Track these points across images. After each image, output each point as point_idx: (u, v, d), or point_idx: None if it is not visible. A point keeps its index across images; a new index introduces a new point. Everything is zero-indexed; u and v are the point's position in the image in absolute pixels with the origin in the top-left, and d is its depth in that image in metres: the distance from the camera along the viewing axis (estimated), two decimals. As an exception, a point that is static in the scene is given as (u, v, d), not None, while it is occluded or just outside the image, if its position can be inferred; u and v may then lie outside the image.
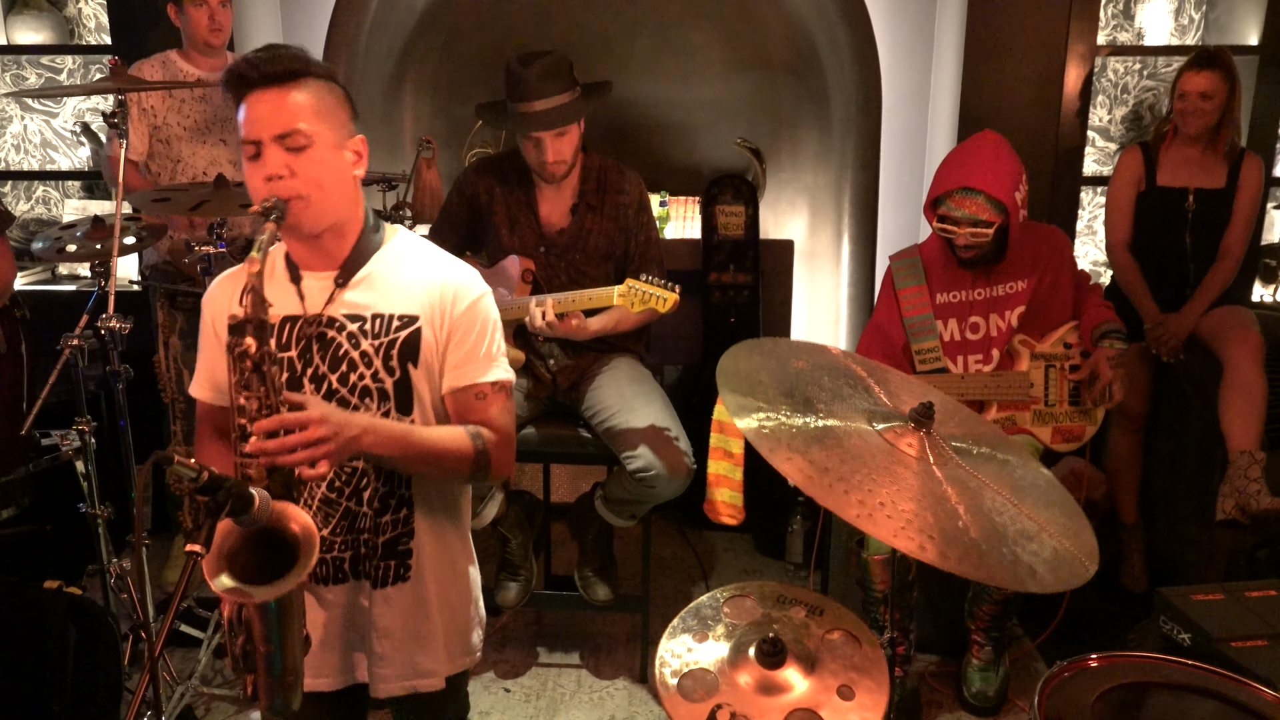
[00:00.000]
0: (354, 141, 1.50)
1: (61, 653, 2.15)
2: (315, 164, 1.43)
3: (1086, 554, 1.41)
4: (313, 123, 1.42)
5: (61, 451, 2.34)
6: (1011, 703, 2.59)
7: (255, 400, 1.33)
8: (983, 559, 1.28)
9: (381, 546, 1.56)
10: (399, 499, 1.56)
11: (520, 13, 3.91)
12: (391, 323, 1.51)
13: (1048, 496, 1.51)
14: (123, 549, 2.90)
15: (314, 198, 1.43)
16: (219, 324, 1.56)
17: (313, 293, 1.52)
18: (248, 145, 1.43)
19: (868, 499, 1.31)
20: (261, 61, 1.41)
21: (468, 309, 1.53)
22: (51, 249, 2.49)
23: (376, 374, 1.50)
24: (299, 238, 1.49)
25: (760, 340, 1.73)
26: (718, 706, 1.34)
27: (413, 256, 1.57)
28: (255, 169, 1.43)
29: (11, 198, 4.01)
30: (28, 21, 3.73)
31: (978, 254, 2.52)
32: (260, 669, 1.31)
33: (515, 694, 2.67)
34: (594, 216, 2.58)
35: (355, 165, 1.50)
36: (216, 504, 1.21)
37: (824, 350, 1.75)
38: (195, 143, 3.02)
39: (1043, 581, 1.31)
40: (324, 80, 1.47)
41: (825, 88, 3.90)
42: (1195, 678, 1.59)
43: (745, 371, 1.55)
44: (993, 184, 2.43)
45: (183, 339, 2.93)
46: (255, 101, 1.42)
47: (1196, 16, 3.72)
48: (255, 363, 1.33)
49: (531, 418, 2.63)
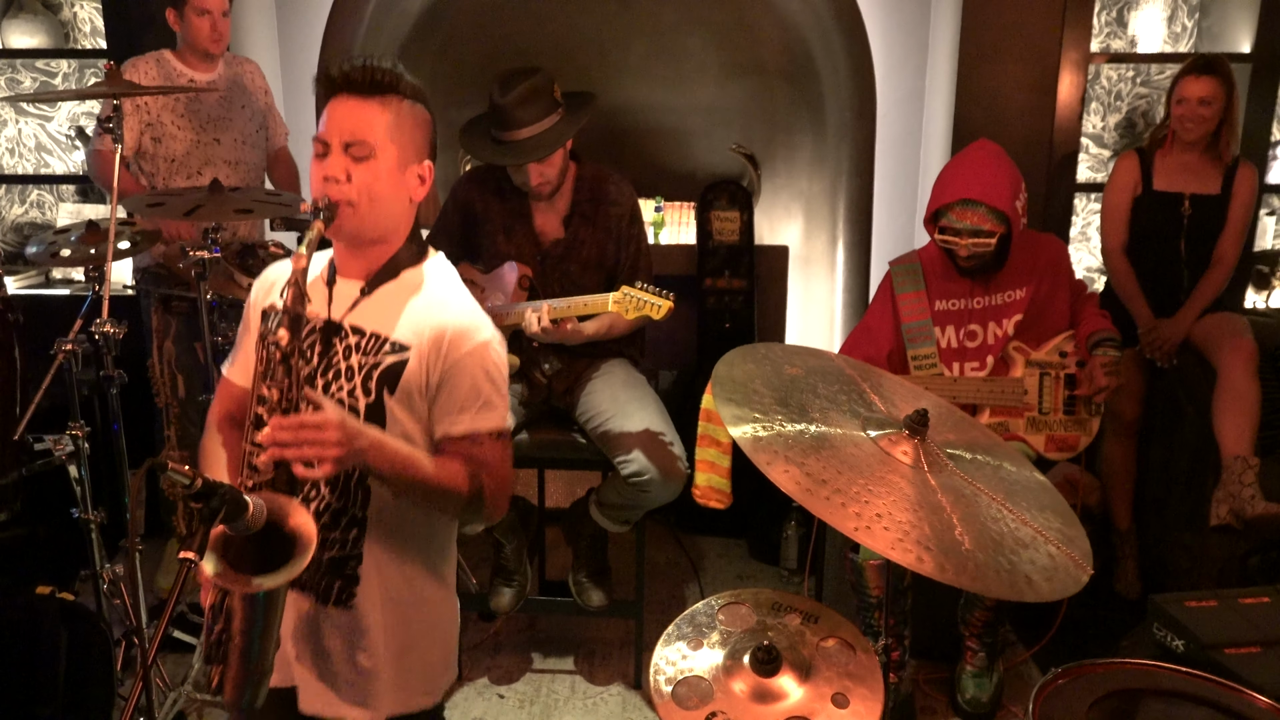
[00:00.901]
0: (421, 166, 1.51)
1: (53, 658, 2.14)
2: (373, 176, 1.44)
3: (1082, 560, 1.41)
4: (382, 139, 1.45)
5: (54, 456, 2.33)
6: (1006, 709, 2.59)
7: (277, 391, 1.34)
8: (980, 570, 1.28)
9: (326, 562, 1.51)
10: (350, 518, 1.51)
11: (515, 18, 3.92)
12: (382, 345, 1.49)
13: (1042, 501, 1.51)
14: (116, 554, 2.89)
15: (363, 207, 1.45)
16: (256, 310, 1.59)
17: (341, 298, 1.52)
18: (317, 143, 1.46)
19: (864, 510, 1.31)
20: (354, 70, 1.44)
21: (466, 355, 1.48)
22: (45, 253, 2.48)
23: (354, 391, 1.49)
24: (343, 242, 1.51)
25: (754, 346, 1.73)
26: (712, 714, 1.34)
27: (434, 287, 1.54)
28: (318, 167, 1.45)
29: (5, 201, 4.00)
30: (22, 25, 3.72)
31: (980, 263, 2.53)
32: (234, 660, 1.31)
33: (509, 699, 2.66)
34: (588, 227, 2.58)
35: (417, 189, 1.51)
36: (210, 510, 1.21)
37: (819, 354, 1.76)
38: (189, 141, 3.02)
39: (1039, 590, 1.31)
40: (410, 100, 1.49)
41: (820, 94, 3.91)
42: (1188, 685, 1.60)
43: (740, 379, 1.55)
44: (993, 195, 2.44)
45: (176, 343, 2.92)
46: (336, 105, 1.45)
47: (1189, 24, 3.73)
48: (284, 355, 1.34)
49: (526, 423, 2.63)
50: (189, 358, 2.89)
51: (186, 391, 2.90)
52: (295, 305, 1.35)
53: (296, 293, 1.35)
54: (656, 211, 3.88)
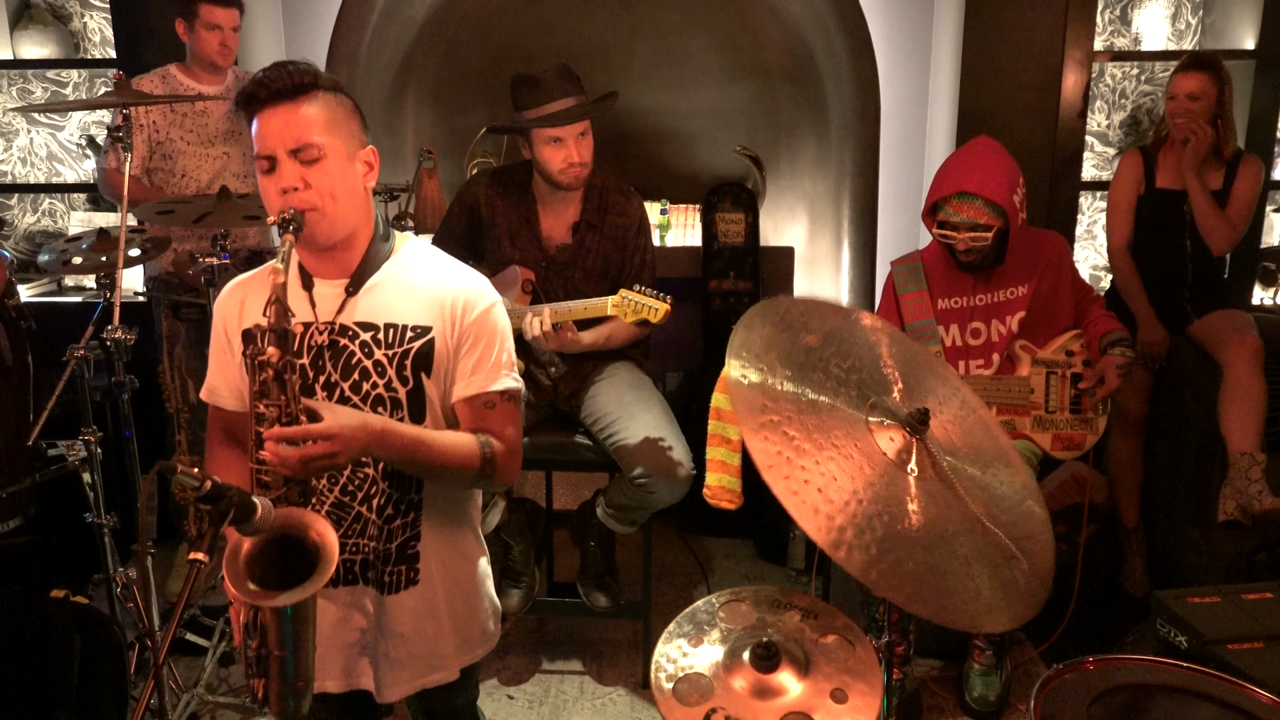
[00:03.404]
0: (365, 152, 1.52)
1: (67, 661, 2.16)
2: (328, 176, 1.45)
3: (1025, 606, 1.38)
4: (325, 135, 1.45)
5: (67, 461, 2.36)
6: (1013, 707, 2.59)
7: (275, 408, 1.36)
8: (902, 577, 1.27)
9: (393, 551, 1.57)
10: (408, 503, 1.57)
11: (519, 23, 3.94)
12: (405, 333, 1.52)
13: (1024, 531, 1.47)
14: (128, 558, 2.92)
15: (328, 209, 1.46)
16: (230, 329, 1.58)
17: (324, 300, 1.53)
18: (261, 160, 1.45)
19: (811, 475, 1.30)
20: (270, 79, 1.43)
21: (478, 318, 1.55)
22: (57, 261, 2.51)
23: (390, 383, 1.52)
24: (313, 248, 1.51)
25: (776, 302, 1.60)
26: (712, 710, 1.35)
27: (424, 265, 1.58)
28: (270, 182, 1.45)
29: (18, 210, 4.04)
30: (34, 36, 3.77)
31: (978, 258, 2.53)
32: (273, 674, 1.33)
33: (518, 700, 2.68)
34: (594, 236, 2.60)
35: (367, 176, 1.52)
36: (219, 512, 1.23)
37: (847, 317, 1.64)
38: (199, 156, 3.05)
39: (961, 616, 1.31)
40: (333, 92, 1.49)
41: (823, 95, 3.92)
42: (1191, 680, 1.59)
43: (757, 349, 1.48)
44: (989, 188, 2.44)
45: (187, 349, 2.95)
46: (268, 117, 1.44)
47: (1193, 21, 3.73)
48: (276, 372, 1.35)
49: (532, 425, 2.65)
50: (199, 363, 2.91)
51: (196, 397, 2.92)
52: (280, 321, 1.36)
53: (280, 309, 1.35)
54: (662, 214, 3.89)
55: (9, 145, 3.98)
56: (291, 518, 1.31)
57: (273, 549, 1.30)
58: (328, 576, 1.28)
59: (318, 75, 1.47)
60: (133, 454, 2.47)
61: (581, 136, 2.49)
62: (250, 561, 1.28)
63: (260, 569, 1.29)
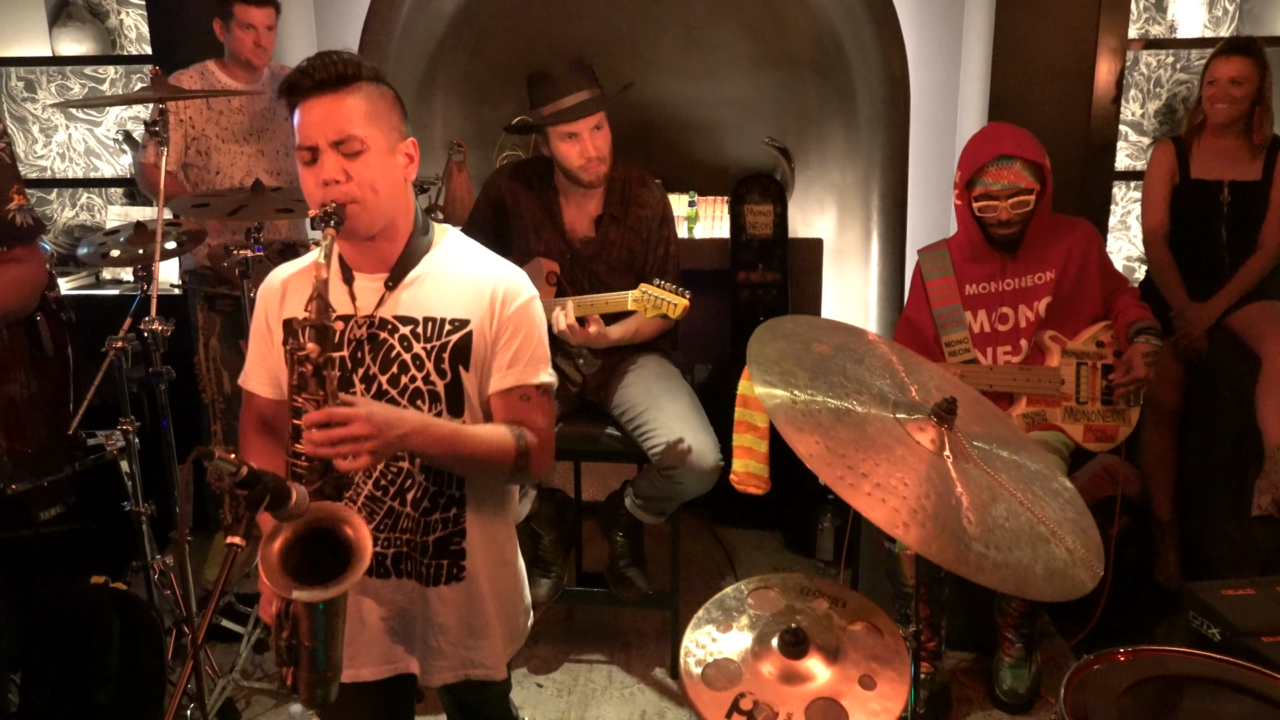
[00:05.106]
0: (405, 144, 1.52)
1: (107, 645, 2.21)
2: (370, 168, 1.45)
3: (1093, 562, 1.40)
4: (366, 128, 1.44)
5: (106, 451, 2.40)
6: (1044, 699, 2.57)
7: (313, 403, 1.36)
8: (979, 559, 1.29)
9: (432, 545, 1.58)
10: (448, 499, 1.58)
11: (547, 14, 3.95)
12: (443, 326, 1.53)
13: (1060, 501, 1.50)
14: (165, 545, 2.97)
15: (369, 201, 1.46)
16: (271, 318, 1.59)
17: (364, 294, 1.54)
18: (303, 151, 1.45)
19: (865, 480, 1.33)
20: (314, 69, 1.43)
21: (518, 310, 1.55)
22: (95, 254, 2.55)
23: (428, 376, 1.53)
24: (353, 239, 1.51)
25: (782, 320, 1.69)
26: (740, 695, 1.36)
27: (462, 258, 1.59)
28: (311, 174, 1.45)
29: (57, 204, 4.12)
30: (71, 33, 3.83)
31: (1018, 230, 2.51)
32: (303, 663, 1.35)
33: (547, 689, 2.70)
34: (617, 228, 2.61)
35: (407, 168, 1.52)
36: (255, 497, 1.25)
37: (851, 331, 1.73)
38: (233, 153, 3.09)
39: (1039, 589, 1.32)
40: (375, 83, 1.48)
41: (852, 85, 3.89)
42: (1224, 672, 1.58)
43: (772, 357, 1.54)
44: (1027, 148, 2.45)
45: (221, 340, 2.99)
46: (310, 108, 1.44)
47: (1230, 8, 3.67)
48: (316, 366, 1.36)
49: (561, 416, 2.67)
50: (233, 354, 2.96)
51: (231, 387, 2.97)
52: (321, 317, 1.36)
53: (322, 304, 1.36)
54: (690, 206, 3.89)
55: (48, 141, 4.05)
56: (325, 511, 1.33)
57: (306, 542, 1.32)
58: (360, 574, 1.29)
59: (361, 65, 1.46)
60: (170, 443, 2.52)
61: (596, 130, 2.47)
62: (284, 553, 1.30)
63: (294, 561, 1.31)
